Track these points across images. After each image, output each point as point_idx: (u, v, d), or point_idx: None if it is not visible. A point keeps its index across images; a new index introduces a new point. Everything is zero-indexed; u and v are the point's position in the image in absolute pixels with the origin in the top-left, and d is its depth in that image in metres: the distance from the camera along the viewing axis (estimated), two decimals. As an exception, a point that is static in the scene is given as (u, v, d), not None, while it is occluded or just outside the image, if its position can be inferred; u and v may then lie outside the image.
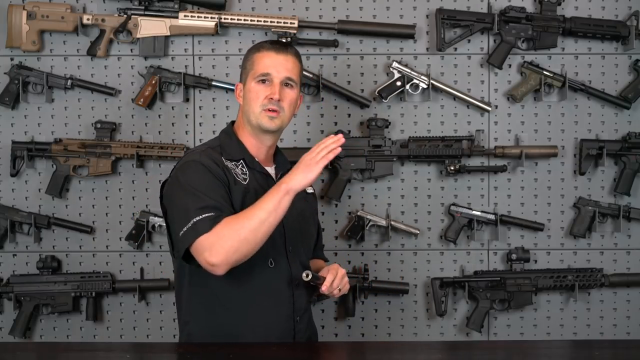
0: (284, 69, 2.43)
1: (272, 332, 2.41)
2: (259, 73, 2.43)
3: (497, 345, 2.93)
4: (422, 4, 3.27)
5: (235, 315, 2.40)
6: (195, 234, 2.25)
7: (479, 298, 3.23)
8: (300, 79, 2.50)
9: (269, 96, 2.41)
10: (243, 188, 2.39)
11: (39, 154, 3.23)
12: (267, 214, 2.26)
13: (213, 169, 2.36)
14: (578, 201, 3.29)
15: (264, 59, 2.44)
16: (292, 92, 2.45)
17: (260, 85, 2.43)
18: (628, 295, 3.32)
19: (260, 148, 2.49)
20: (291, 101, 2.45)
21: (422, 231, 3.29)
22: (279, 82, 2.42)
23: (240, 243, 2.24)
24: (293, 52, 2.48)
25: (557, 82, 3.25)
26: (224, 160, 2.43)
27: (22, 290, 3.20)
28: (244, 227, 2.24)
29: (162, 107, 3.27)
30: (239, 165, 2.45)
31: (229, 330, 2.41)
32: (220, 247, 2.23)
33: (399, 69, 3.23)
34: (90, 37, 3.24)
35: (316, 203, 2.70)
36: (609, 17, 3.27)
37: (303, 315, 2.47)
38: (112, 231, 3.28)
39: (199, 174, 2.34)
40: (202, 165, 2.35)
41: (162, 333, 3.26)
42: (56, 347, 2.81)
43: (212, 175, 2.34)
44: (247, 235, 2.24)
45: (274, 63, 2.43)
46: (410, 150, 3.22)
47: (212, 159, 2.40)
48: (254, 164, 2.47)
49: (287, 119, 2.46)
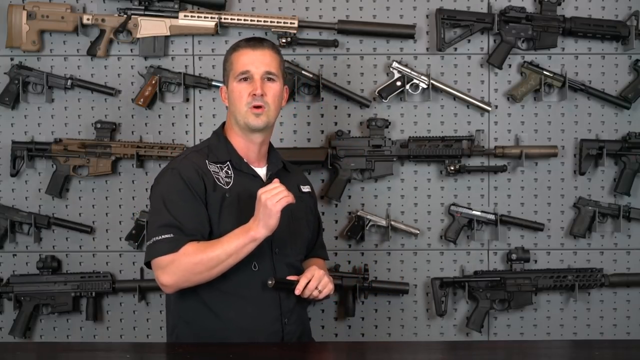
0: (262, 63, 2.44)
1: (259, 335, 2.40)
2: (238, 72, 2.45)
3: (497, 345, 2.93)
4: (422, 4, 3.27)
5: (222, 319, 2.41)
6: (152, 254, 2.36)
7: (479, 298, 3.23)
8: (281, 71, 2.50)
9: (251, 92, 2.43)
10: (223, 193, 2.41)
11: (39, 154, 3.23)
12: (226, 255, 2.32)
13: (188, 179, 2.39)
14: (578, 201, 3.29)
15: (242, 57, 2.46)
16: (274, 86, 2.46)
17: (242, 83, 2.45)
18: (628, 295, 3.32)
19: (250, 148, 2.49)
20: (275, 94, 2.46)
21: (422, 231, 3.29)
22: (259, 77, 2.43)
23: (192, 275, 2.33)
24: (270, 46, 2.49)
25: (557, 82, 3.25)
26: (208, 164, 2.45)
27: (22, 290, 3.20)
28: (201, 262, 2.32)
29: (162, 107, 3.27)
30: (224, 167, 2.46)
31: (216, 334, 2.41)
32: (172, 272, 2.33)
33: (399, 69, 3.23)
34: (90, 37, 3.24)
35: (313, 201, 2.69)
36: (609, 17, 3.27)
37: (292, 316, 2.45)
38: (112, 231, 3.28)
39: (171, 186, 2.39)
40: (179, 176, 2.40)
41: (162, 333, 3.26)
42: (56, 347, 2.81)
43: (184, 187, 2.38)
44: (202, 269, 2.32)
45: (252, 59, 2.45)
46: (410, 150, 3.21)
47: (194, 165, 2.42)
48: (241, 166, 2.47)
49: (274, 113, 2.47)
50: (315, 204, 2.70)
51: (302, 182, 2.65)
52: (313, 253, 2.67)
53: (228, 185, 2.44)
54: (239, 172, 2.47)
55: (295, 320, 2.47)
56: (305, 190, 2.62)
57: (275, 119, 2.50)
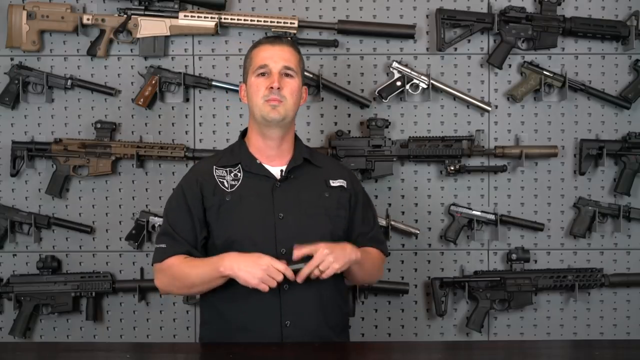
0: (280, 58, 2.45)
1: (259, 338, 2.39)
2: (257, 66, 2.46)
3: (497, 345, 2.93)
4: (422, 4, 3.27)
5: (228, 321, 2.44)
6: (153, 259, 2.50)
7: (479, 298, 3.23)
8: (300, 70, 2.50)
9: (268, 86, 2.42)
10: (222, 198, 2.44)
11: (39, 154, 3.22)
12: (199, 281, 2.41)
13: (186, 190, 2.48)
14: (578, 201, 3.29)
15: (261, 53, 2.47)
16: (292, 81, 2.46)
17: (260, 78, 2.45)
18: (628, 295, 3.32)
19: (268, 145, 2.49)
20: (293, 89, 2.45)
21: (422, 231, 3.28)
22: (277, 71, 2.43)
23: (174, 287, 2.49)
24: (289, 43, 2.51)
25: (557, 82, 3.25)
26: (215, 169, 2.49)
27: (22, 290, 3.20)
28: (178, 279, 2.44)
29: (162, 107, 3.27)
30: (234, 170, 2.48)
31: (225, 335, 2.44)
32: (159, 279, 2.49)
33: (399, 69, 3.23)
34: (90, 37, 3.24)
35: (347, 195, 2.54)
36: (609, 17, 3.27)
37: (296, 320, 2.40)
38: (112, 231, 3.28)
39: (173, 197, 2.53)
40: (181, 187, 2.51)
41: (162, 333, 3.26)
42: (56, 347, 2.81)
43: (182, 199, 2.47)
44: (180, 285, 2.46)
45: (270, 54, 2.46)
46: (410, 150, 3.21)
47: (195, 174, 2.51)
48: (251, 167, 2.48)
49: (292, 107, 2.46)
50: (350, 198, 2.54)
51: (333, 176, 2.55)
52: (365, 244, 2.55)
53: (232, 188, 2.45)
54: (249, 173, 2.47)
55: (302, 326, 2.41)
56: (336, 184, 2.53)
57: (293, 113, 2.48)
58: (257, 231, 2.42)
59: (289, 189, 2.47)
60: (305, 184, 2.49)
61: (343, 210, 2.53)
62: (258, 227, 2.42)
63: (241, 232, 2.42)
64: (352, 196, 2.56)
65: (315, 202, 2.47)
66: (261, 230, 2.42)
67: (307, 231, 2.43)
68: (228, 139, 3.25)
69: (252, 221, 2.42)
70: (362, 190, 2.63)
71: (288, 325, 2.40)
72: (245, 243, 2.40)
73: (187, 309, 3.26)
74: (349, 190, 2.56)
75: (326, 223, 2.48)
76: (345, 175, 2.59)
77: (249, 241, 2.40)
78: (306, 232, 2.43)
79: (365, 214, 2.60)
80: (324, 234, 2.45)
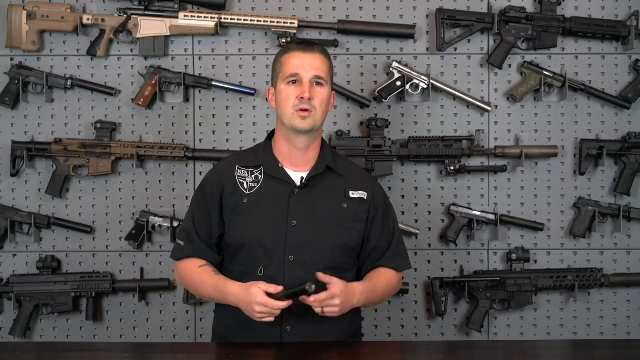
0: (312, 67, 2.42)
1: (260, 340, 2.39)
2: (288, 74, 2.43)
3: (497, 345, 2.93)
4: (422, 4, 3.27)
5: (233, 324, 2.44)
6: (172, 253, 2.57)
7: (479, 298, 3.23)
8: (330, 77, 2.48)
9: (299, 96, 2.41)
10: (239, 199, 2.45)
11: (39, 154, 3.23)
12: (206, 294, 2.49)
13: (208, 188, 2.50)
14: (578, 201, 3.29)
15: (292, 60, 2.44)
16: (322, 90, 2.44)
17: (290, 86, 2.43)
18: (628, 295, 3.32)
19: (293, 152, 2.47)
20: (322, 99, 2.44)
21: (422, 231, 3.28)
22: (308, 81, 2.41)
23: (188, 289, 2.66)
24: (320, 50, 2.48)
25: (557, 82, 3.25)
26: (237, 169, 2.49)
27: (22, 290, 3.20)
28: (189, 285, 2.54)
29: (162, 107, 3.27)
30: (256, 172, 2.48)
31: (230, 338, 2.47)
32: (177, 276, 2.58)
33: (399, 69, 3.23)
34: (90, 37, 3.24)
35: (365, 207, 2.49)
36: (609, 17, 3.27)
37: (296, 325, 2.40)
38: (112, 231, 3.28)
39: (196, 194, 2.57)
40: (203, 185, 2.53)
41: (162, 333, 3.26)
42: (56, 347, 2.81)
43: (203, 196, 2.50)
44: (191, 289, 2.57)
45: (302, 63, 2.43)
46: (410, 150, 3.21)
47: (218, 173, 2.53)
48: (272, 171, 2.47)
49: (320, 117, 2.44)
50: (369, 210, 2.50)
51: (354, 187, 2.50)
52: (381, 263, 2.53)
53: (251, 190, 2.45)
54: (269, 177, 2.47)
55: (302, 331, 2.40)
56: (355, 196, 2.49)
57: (321, 123, 2.46)
58: (268, 236, 2.41)
59: (306, 196, 2.45)
60: (324, 193, 2.46)
61: (359, 223, 2.49)
62: (269, 232, 2.41)
63: (252, 236, 2.42)
64: (371, 209, 2.51)
65: (331, 212, 2.45)
66: (272, 235, 2.41)
67: (318, 240, 2.42)
68: (228, 139, 3.25)
69: (265, 225, 2.42)
70: (383, 201, 2.56)
71: (289, 331, 2.41)
72: (255, 247, 2.41)
73: (187, 309, 3.26)
74: (369, 203, 2.51)
75: (339, 234, 2.45)
76: (367, 186, 2.53)
77: (258, 245, 2.41)
78: (317, 242, 2.42)
79: (385, 227, 2.55)
80: (335, 245, 2.44)
